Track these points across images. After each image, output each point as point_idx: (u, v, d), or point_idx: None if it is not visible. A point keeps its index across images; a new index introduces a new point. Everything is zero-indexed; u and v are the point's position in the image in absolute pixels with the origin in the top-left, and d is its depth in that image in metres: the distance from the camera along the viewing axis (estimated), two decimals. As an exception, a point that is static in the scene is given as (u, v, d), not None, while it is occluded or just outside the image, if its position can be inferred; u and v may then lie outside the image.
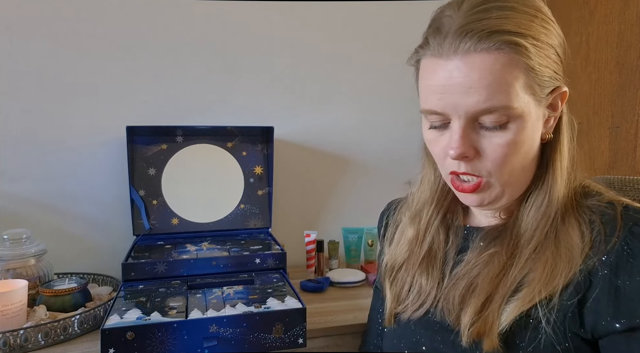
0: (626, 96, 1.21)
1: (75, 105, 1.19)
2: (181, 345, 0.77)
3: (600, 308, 0.49)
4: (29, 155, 1.16)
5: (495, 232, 0.58)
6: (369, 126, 1.43)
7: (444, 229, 0.64)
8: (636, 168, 1.19)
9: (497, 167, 0.53)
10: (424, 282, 0.61)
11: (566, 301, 0.50)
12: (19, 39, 1.14)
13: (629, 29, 1.20)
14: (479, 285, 0.54)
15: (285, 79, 1.35)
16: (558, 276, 0.50)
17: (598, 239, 0.51)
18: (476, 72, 0.49)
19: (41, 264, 1.01)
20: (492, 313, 0.52)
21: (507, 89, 0.49)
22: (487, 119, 0.51)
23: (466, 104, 0.50)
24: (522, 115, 0.51)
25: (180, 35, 1.25)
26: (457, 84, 0.50)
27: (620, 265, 0.49)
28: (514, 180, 0.55)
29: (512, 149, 0.52)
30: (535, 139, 0.54)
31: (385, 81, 1.42)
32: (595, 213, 0.53)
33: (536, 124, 0.54)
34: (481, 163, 0.53)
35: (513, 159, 0.53)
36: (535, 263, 0.52)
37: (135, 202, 1.17)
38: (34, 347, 0.82)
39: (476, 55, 0.49)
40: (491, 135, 0.52)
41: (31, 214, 1.16)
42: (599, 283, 0.49)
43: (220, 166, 1.26)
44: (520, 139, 0.52)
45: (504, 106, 0.50)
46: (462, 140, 0.52)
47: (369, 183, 1.44)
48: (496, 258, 0.55)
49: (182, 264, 0.99)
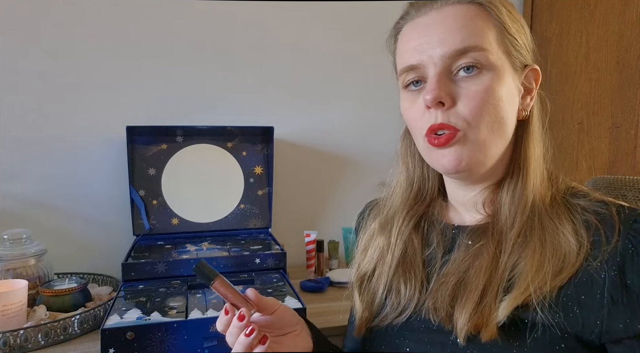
0: (626, 96, 1.21)
1: (75, 105, 1.19)
2: (181, 345, 0.77)
3: (613, 311, 0.47)
4: (29, 155, 1.16)
5: (480, 229, 0.57)
6: (369, 126, 1.43)
7: (418, 235, 0.62)
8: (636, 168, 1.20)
9: (474, 115, 0.52)
10: (403, 288, 0.59)
11: (568, 302, 0.48)
12: (19, 38, 1.14)
13: (629, 29, 1.20)
14: (471, 280, 0.53)
15: (285, 79, 1.35)
16: (546, 264, 0.49)
17: (598, 239, 0.50)
18: (450, 19, 0.52)
19: (41, 264, 1.01)
20: (488, 305, 0.51)
21: (481, 33, 0.52)
22: (463, 61, 0.52)
23: (442, 50, 0.52)
24: (496, 67, 0.52)
25: (180, 35, 1.25)
26: (433, 34, 0.53)
27: (627, 264, 0.48)
28: (491, 140, 0.53)
29: (489, 97, 0.51)
30: (512, 103, 0.54)
31: (385, 81, 1.41)
32: (590, 213, 0.52)
33: (512, 89, 0.54)
34: (458, 112, 0.52)
35: (490, 110, 0.52)
36: (523, 251, 0.52)
37: (135, 202, 1.17)
38: (34, 347, 0.82)
39: (450, 7, 0.53)
40: (467, 81, 0.52)
41: (31, 214, 1.16)
42: (606, 285, 0.48)
43: (220, 166, 1.26)
44: (497, 90, 0.52)
45: (478, 46, 0.51)
46: (438, 84, 0.52)
47: (369, 183, 1.43)
48: (484, 250, 0.54)
49: (182, 264, 0.99)
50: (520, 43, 0.55)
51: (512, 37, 0.54)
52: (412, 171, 0.67)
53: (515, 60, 0.55)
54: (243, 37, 1.30)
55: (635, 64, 1.19)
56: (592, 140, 1.30)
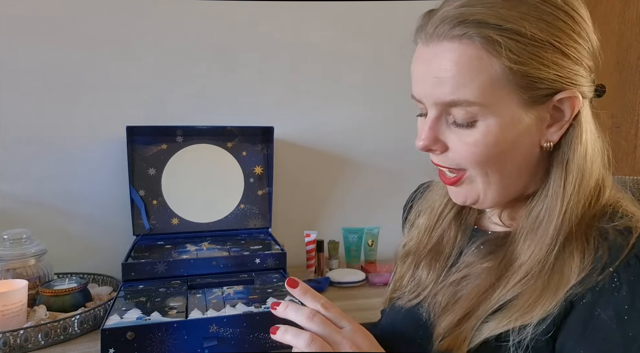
0: (626, 96, 1.21)
1: (75, 105, 1.19)
2: (181, 345, 0.77)
3: (569, 332, 0.46)
4: (29, 155, 1.16)
5: (494, 243, 0.55)
6: (369, 126, 1.43)
7: (455, 225, 0.62)
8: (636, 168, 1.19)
9: (471, 164, 0.50)
10: (425, 275, 0.60)
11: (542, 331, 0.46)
12: (19, 38, 1.14)
13: (629, 29, 1.20)
14: (461, 300, 0.53)
15: (285, 79, 1.35)
16: (539, 308, 0.46)
17: (595, 267, 0.46)
18: (445, 62, 0.47)
19: (41, 264, 1.01)
20: (465, 330, 0.50)
21: (471, 84, 0.46)
22: (455, 112, 0.48)
23: (434, 94, 0.49)
24: (493, 114, 0.47)
25: (180, 35, 1.25)
26: (430, 73, 0.49)
27: (603, 297, 0.44)
28: (500, 181, 0.51)
29: (484, 150, 0.48)
30: (522, 142, 0.49)
31: (385, 81, 1.42)
32: (607, 240, 0.47)
33: (521, 127, 0.48)
34: (451, 157, 0.51)
35: (490, 159, 0.49)
36: (522, 291, 0.49)
37: (135, 202, 1.17)
38: (34, 347, 0.82)
39: (447, 43, 0.47)
40: (459, 131, 0.49)
41: (31, 214, 1.16)
42: (576, 312, 0.46)
43: (220, 166, 1.26)
44: (492, 140, 0.48)
45: (467, 101, 0.47)
46: (429, 132, 0.50)
47: (369, 183, 1.44)
48: (486, 274, 0.52)
49: (182, 264, 0.99)
50: (544, 74, 0.46)
51: (529, 73, 0.46)
52: None
53: (534, 93, 0.47)
54: (243, 37, 1.30)
55: (635, 64, 1.18)
56: (592, 140, 1.30)
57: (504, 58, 0.45)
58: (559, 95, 0.48)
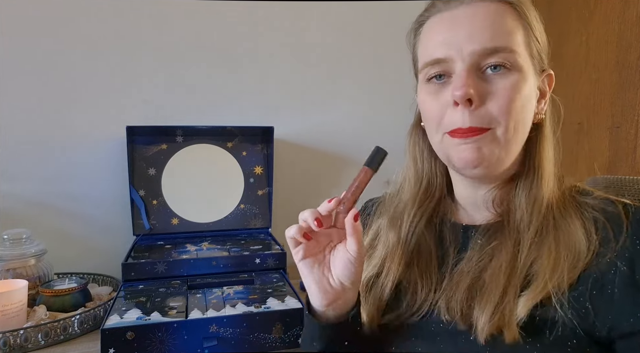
0: (626, 96, 1.21)
1: (75, 105, 1.19)
2: (181, 345, 0.78)
3: (621, 307, 0.47)
4: (29, 155, 1.16)
5: (493, 227, 0.57)
6: (369, 126, 1.43)
7: (431, 231, 0.62)
8: (636, 168, 1.19)
9: (503, 113, 0.52)
10: (419, 288, 0.59)
11: (579, 298, 0.49)
12: (19, 38, 1.14)
13: (629, 29, 1.20)
14: (490, 280, 0.53)
15: (285, 79, 1.35)
16: (562, 263, 0.50)
17: (605, 236, 0.50)
18: (480, 16, 0.52)
19: (41, 264, 1.01)
20: (508, 304, 0.50)
21: (510, 34, 0.52)
22: (492, 60, 0.52)
23: (472, 46, 0.51)
24: (522, 68, 0.53)
25: (180, 35, 1.25)
26: (462, 29, 0.52)
27: (636, 260, 0.48)
28: (514, 139, 0.54)
29: (516, 96, 0.52)
30: (532, 105, 0.55)
31: (385, 81, 1.42)
32: (597, 211, 0.53)
33: (532, 91, 0.55)
34: (486, 110, 0.52)
35: (518, 109, 0.52)
36: (540, 250, 0.52)
37: (135, 202, 1.17)
38: (34, 347, 0.82)
39: (479, 3, 0.52)
40: (495, 79, 0.52)
41: (31, 214, 1.16)
42: (616, 281, 0.48)
43: (220, 166, 1.26)
44: (523, 91, 0.52)
45: (508, 48, 0.51)
46: (468, 80, 0.51)
47: (369, 183, 1.44)
48: (503, 249, 0.54)
49: (182, 264, 0.99)
50: (542, 47, 0.56)
51: (537, 41, 0.55)
52: (420, 166, 0.66)
53: (537, 64, 0.55)
54: (243, 37, 1.30)
55: (635, 64, 1.18)
56: (592, 140, 1.30)
57: (530, 18, 0.54)
58: (547, 71, 0.57)
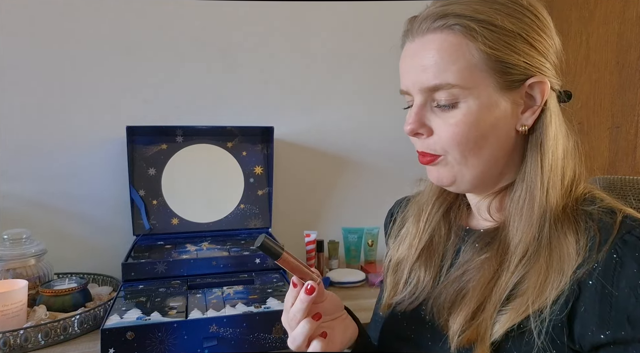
0: (626, 96, 1.21)
1: (75, 105, 1.19)
2: (181, 345, 0.78)
3: (586, 318, 0.47)
4: (29, 155, 1.16)
5: (488, 236, 0.57)
6: (369, 126, 1.43)
7: (445, 224, 0.64)
8: (636, 168, 1.19)
9: (450, 145, 0.53)
10: (422, 274, 0.61)
11: (557, 312, 0.48)
12: (19, 38, 1.14)
13: (629, 29, 1.20)
14: (470, 292, 0.53)
15: (285, 79, 1.35)
16: (549, 287, 0.49)
17: (591, 247, 0.49)
18: (428, 51, 0.53)
19: (41, 264, 1.01)
20: (484, 321, 0.50)
21: (452, 67, 0.51)
22: (438, 96, 0.53)
23: (419, 81, 0.53)
24: (473, 96, 0.52)
25: (180, 35, 1.25)
26: (415, 63, 0.54)
27: (608, 274, 0.47)
28: (470, 162, 0.54)
29: (465, 129, 0.52)
30: (500, 126, 0.53)
31: (385, 81, 1.42)
32: (594, 221, 0.51)
33: (498, 111, 0.53)
34: (435, 141, 0.55)
35: (469, 138, 0.52)
36: (529, 271, 0.51)
37: (135, 202, 1.17)
38: (34, 347, 0.82)
39: (430, 34, 0.53)
40: (443, 114, 0.53)
41: (31, 214, 1.16)
42: (587, 293, 0.48)
43: (220, 166, 1.26)
44: (473, 120, 0.52)
45: (449, 83, 0.51)
46: (415, 116, 0.54)
47: (369, 183, 1.44)
48: (487, 264, 0.54)
49: (182, 264, 0.99)
50: (515, 60, 0.52)
51: (502, 58, 0.51)
52: None
53: (507, 78, 0.52)
54: (243, 37, 1.30)
55: (635, 64, 1.18)
56: (592, 140, 1.30)
57: (480, 43, 0.51)
58: (530, 80, 0.53)
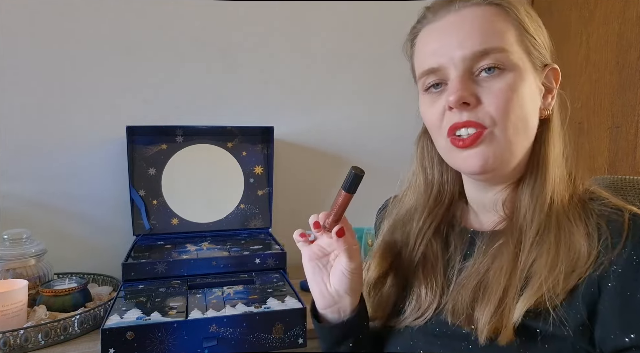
0: (626, 96, 1.21)
1: (75, 105, 1.19)
2: (181, 345, 0.77)
3: (608, 321, 0.47)
4: (29, 155, 1.16)
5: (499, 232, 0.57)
6: (369, 126, 1.43)
7: (438, 237, 0.62)
8: (636, 168, 1.19)
9: (501, 113, 0.51)
10: (423, 293, 0.59)
11: (575, 313, 0.48)
12: (19, 38, 1.14)
13: (629, 29, 1.20)
14: (492, 281, 0.52)
15: (285, 79, 1.35)
16: (560, 262, 0.49)
17: (605, 246, 0.49)
18: (468, 22, 0.53)
19: (41, 264, 1.01)
20: (507, 306, 0.50)
21: (500, 35, 0.52)
22: (484, 62, 0.52)
23: (462, 52, 0.52)
24: (518, 67, 0.52)
25: (180, 35, 1.25)
26: (451, 37, 0.53)
27: (629, 276, 0.47)
28: (517, 139, 0.53)
29: (513, 95, 0.51)
30: (535, 102, 0.55)
31: (385, 81, 1.42)
32: (602, 218, 0.51)
33: (534, 88, 0.54)
34: (483, 110, 0.52)
35: (516, 108, 0.52)
36: (540, 249, 0.51)
37: (135, 202, 1.17)
38: (34, 347, 0.82)
39: (467, 9, 0.53)
40: (490, 81, 0.52)
41: (31, 214, 1.16)
42: (607, 296, 0.47)
43: (220, 166, 1.26)
44: (520, 89, 0.52)
45: (499, 48, 0.51)
46: (461, 85, 0.52)
47: (369, 183, 1.43)
48: (505, 250, 0.53)
49: (182, 264, 0.99)
50: (539, 42, 0.55)
51: (532, 37, 0.54)
52: (430, 173, 0.65)
53: (536, 60, 0.55)
54: (243, 37, 1.30)
55: (635, 64, 1.18)
56: (592, 140, 1.30)
57: (521, 18, 0.53)
58: (550, 66, 0.56)
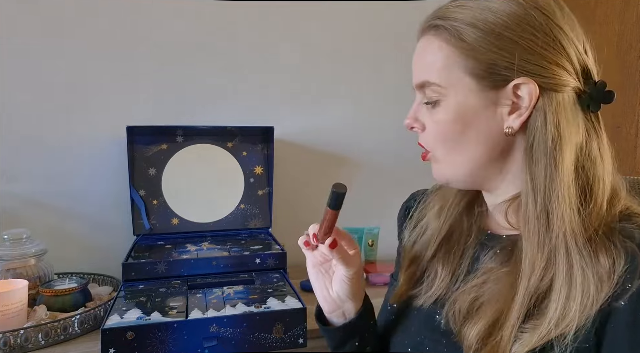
0: (626, 96, 1.21)
1: (75, 105, 1.19)
2: (181, 345, 0.78)
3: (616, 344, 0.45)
4: (29, 155, 1.16)
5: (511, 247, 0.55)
6: (369, 126, 1.43)
7: (467, 219, 0.62)
8: (636, 168, 1.20)
9: (435, 142, 0.56)
10: (440, 269, 0.60)
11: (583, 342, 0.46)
12: (19, 38, 1.14)
13: (629, 29, 1.20)
14: (485, 304, 0.52)
15: (285, 79, 1.35)
16: (573, 310, 0.46)
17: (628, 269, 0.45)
18: (419, 51, 0.57)
19: (41, 264, 1.01)
20: (504, 339, 0.48)
21: (433, 67, 0.54)
22: (426, 93, 0.56)
23: (414, 78, 0.57)
24: (451, 95, 0.53)
25: (180, 35, 1.25)
26: (414, 64, 0.58)
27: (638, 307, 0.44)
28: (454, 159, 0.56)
29: (445, 127, 0.54)
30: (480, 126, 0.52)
31: (385, 81, 1.42)
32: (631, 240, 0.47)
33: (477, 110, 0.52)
34: (425, 136, 0.58)
35: (449, 138, 0.55)
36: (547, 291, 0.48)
37: (135, 202, 1.17)
38: (34, 347, 0.82)
39: (424, 37, 0.56)
40: (429, 111, 0.56)
41: (31, 214, 1.16)
42: (617, 317, 0.45)
43: (220, 166, 1.26)
44: (452, 118, 0.53)
45: (428, 81, 0.54)
46: (412, 112, 0.59)
47: (369, 183, 1.44)
48: (505, 278, 0.52)
49: (182, 264, 0.99)
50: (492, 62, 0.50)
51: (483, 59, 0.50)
52: None
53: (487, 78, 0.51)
54: (243, 37, 1.30)
55: (635, 64, 1.19)
56: (592, 140, 1.30)
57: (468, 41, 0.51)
58: (513, 82, 0.51)
